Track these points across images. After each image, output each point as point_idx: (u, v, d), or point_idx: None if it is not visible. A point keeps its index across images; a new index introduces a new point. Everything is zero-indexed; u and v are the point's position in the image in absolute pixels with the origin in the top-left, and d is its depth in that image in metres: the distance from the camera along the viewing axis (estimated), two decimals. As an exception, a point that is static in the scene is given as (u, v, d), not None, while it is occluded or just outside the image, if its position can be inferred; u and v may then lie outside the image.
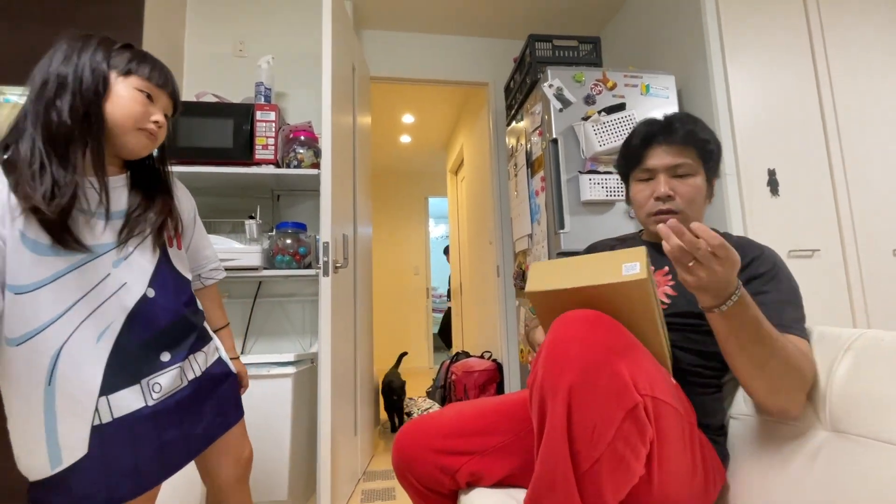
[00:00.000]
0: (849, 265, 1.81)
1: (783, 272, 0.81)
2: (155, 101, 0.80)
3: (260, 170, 1.83)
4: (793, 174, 1.83)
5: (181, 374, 0.82)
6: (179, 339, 0.83)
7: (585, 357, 0.60)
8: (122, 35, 1.75)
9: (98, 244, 0.75)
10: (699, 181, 0.88)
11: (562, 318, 0.66)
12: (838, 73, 1.93)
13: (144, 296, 0.78)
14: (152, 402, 0.77)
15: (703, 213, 0.92)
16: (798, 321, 0.76)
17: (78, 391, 0.71)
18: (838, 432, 0.68)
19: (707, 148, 0.88)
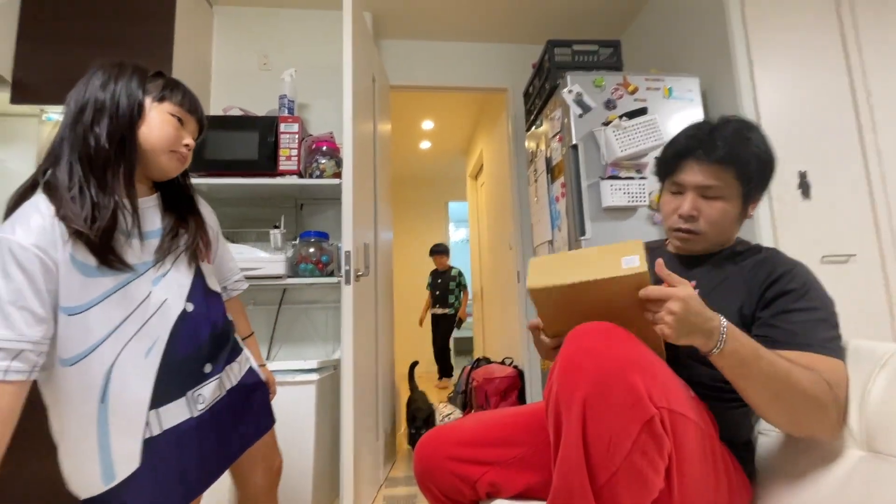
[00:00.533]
0: (888, 270, 1.73)
1: (816, 289, 0.76)
2: (185, 125, 0.84)
3: (284, 180, 1.88)
4: (825, 176, 1.76)
5: (220, 384, 0.86)
6: (218, 351, 0.86)
7: (599, 370, 0.60)
8: (155, 52, 1.87)
9: (139, 263, 0.78)
10: (730, 205, 0.82)
11: (576, 330, 0.66)
12: (874, 71, 1.84)
13: (184, 311, 0.81)
14: (197, 413, 0.80)
15: (734, 231, 0.87)
16: (831, 340, 0.72)
17: (130, 406, 0.73)
18: (874, 452, 0.66)
19: (747, 169, 0.80)
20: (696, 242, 0.86)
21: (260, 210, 2.12)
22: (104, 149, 0.73)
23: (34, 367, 0.67)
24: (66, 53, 1.83)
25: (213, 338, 0.85)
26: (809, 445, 0.74)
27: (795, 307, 0.75)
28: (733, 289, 0.81)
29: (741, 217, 0.85)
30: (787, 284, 0.77)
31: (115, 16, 1.88)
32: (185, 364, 0.80)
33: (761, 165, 0.81)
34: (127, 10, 1.88)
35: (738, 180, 0.81)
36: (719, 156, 0.80)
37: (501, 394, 2.40)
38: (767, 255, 0.84)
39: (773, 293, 0.76)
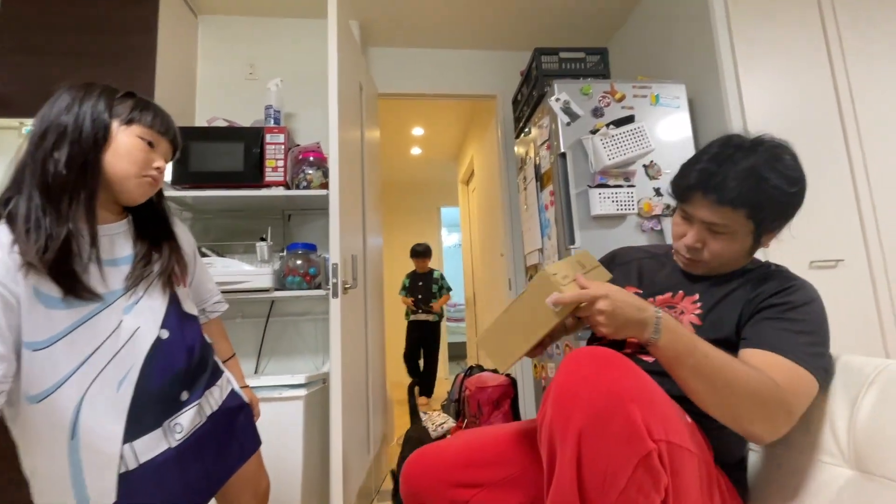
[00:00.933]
0: (875, 275, 1.74)
1: (811, 310, 0.76)
2: (156, 147, 0.81)
3: (270, 192, 1.86)
4: (813, 182, 1.72)
5: (200, 410, 0.83)
6: (196, 377, 0.84)
7: (595, 401, 0.58)
8: (138, 64, 1.84)
9: (108, 292, 0.75)
10: (738, 241, 0.78)
11: (572, 355, 0.65)
12: (858, 78, 1.86)
13: (158, 338, 0.78)
14: (175, 444, 0.77)
15: (745, 261, 0.85)
16: (807, 352, 0.71)
17: (102, 441, 0.70)
18: (863, 472, 0.65)
19: (760, 211, 0.75)
20: (698, 268, 0.86)
21: (247, 222, 2.09)
22: (62, 175, 0.70)
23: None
24: (46, 66, 1.81)
25: (190, 364, 0.82)
26: (800, 463, 0.74)
27: (783, 317, 0.75)
28: (736, 302, 0.80)
29: (753, 249, 0.82)
30: (785, 297, 0.77)
31: (96, 27, 1.85)
32: (160, 393, 0.77)
33: (777, 206, 0.76)
34: (108, 21, 1.86)
35: (749, 219, 0.76)
36: (730, 198, 0.74)
37: (494, 403, 2.38)
38: (776, 270, 0.83)
39: (769, 303, 0.77)
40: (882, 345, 1.69)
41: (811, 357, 0.71)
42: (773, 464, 0.78)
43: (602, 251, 1.70)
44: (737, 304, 0.80)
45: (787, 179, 0.76)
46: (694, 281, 0.87)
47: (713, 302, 0.82)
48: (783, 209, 0.78)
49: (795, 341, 0.72)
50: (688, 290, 0.87)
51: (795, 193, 0.77)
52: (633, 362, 0.63)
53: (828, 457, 0.70)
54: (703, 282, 0.86)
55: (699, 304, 0.84)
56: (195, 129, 1.93)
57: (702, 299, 0.84)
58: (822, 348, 0.74)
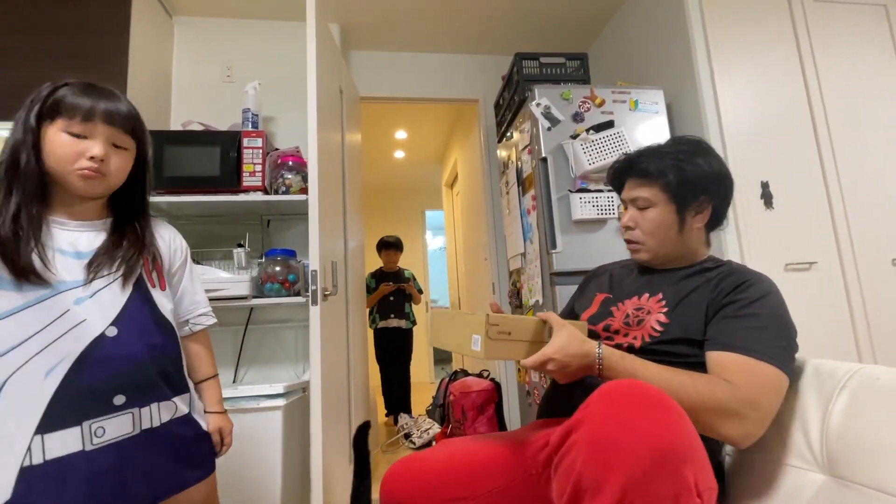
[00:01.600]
0: (847, 276, 1.78)
1: (769, 303, 0.78)
2: (89, 136, 0.77)
3: (248, 197, 1.82)
4: (787, 186, 1.81)
5: (133, 421, 0.76)
6: (140, 384, 0.78)
7: (646, 454, 0.52)
8: (110, 65, 1.79)
9: (61, 281, 0.74)
10: (658, 213, 0.88)
11: (610, 389, 0.59)
12: (828, 82, 1.91)
13: (103, 334, 0.75)
14: (90, 448, 0.71)
15: (684, 244, 0.89)
16: (767, 347, 0.72)
17: (13, 428, 0.67)
18: (835, 477, 0.65)
19: (667, 180, 0.86)
20: (641, 252, 0.93)
21: (224, 228, 2.04)
22: (1, 177, 0.74)
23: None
24: (16, 67, 1.75)
25: (136, 367, 0.77)
26: (775, 468, 0.74)
27: (740, 314, 0.77)
28: (699, 301, 0.82)
29: (682, 227, 0.88)
30: (741, 293, 0.79)
31: (67, 28, 1.80)
32: (88, 391, 0.72)
33: (687, 180, 0.86)
34: (79, 22, 1.80)
35: (664, 192, 0.87)
36: (639, 170, 0.89)
37: (478, 408, 2.37)
38: (735, 269, 0.85)
39: (727, 300, 0.79)
40: (854, 345, 1.73)
41: (775, 351, 0.72)
42: (747, 469, 0.79)
43: (583, 255, 1.72)
44: (700, 303, 0.82)
45: (693, 154, 0.87)
46: (657, 282, 0.90)
47: (676, 300, 0.84)
48: (692, 182, 0.86)
49: (757, 338, 0.73)
50: (652, 290, 0.89)
51: (707, 172, 0.86)
52: (673, 401, 0.59)
53: (801, 462, 0.71)
54: (665, 282, 0.89)
55: (663, 302, 0.86)
56: (170, 133, 1.88)
57: (665, 297, 0.86)
58: (785, 340, 0.75)
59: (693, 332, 0.80)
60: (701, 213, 0.88)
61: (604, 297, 0.97)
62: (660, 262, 0.92)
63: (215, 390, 0.98)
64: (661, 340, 0.82)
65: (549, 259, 1.75)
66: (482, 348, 0.75)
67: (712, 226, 0.91)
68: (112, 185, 0.81)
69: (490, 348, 0.75)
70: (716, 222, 0.91)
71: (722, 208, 0.90)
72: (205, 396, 0.96)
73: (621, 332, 0.88)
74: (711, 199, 0.88)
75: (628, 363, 0.75)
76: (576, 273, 1.70)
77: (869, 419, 0.64)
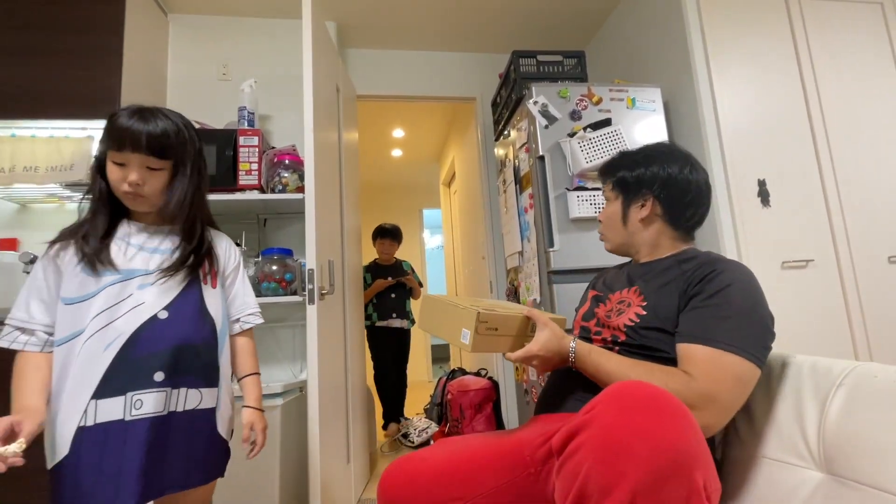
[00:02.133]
0: (844, 274, 1.79)
1: (737, 291, 0.78)
2: (127, 164, 0.87)
3: (244, 196, 1.81)
4: (783, 184, 1.81)
5: (165, 399, 0.84)
6: (178, 365, 0.86)
7: (656, 460, 0.52)
8: (103, 64, 1.77)
9: (128, 269, 0.88)
10: (611, 208, 1.02)
11: (619, 391, 0.59)
12: (825, 81, 1.92)
13: (155, 316, 0.86)
14: (129, 418, 0.80)
15: (619, 229, 1.00)
16: (735, 337, 0.73)
17: (78, 391, 0.80)
18: (833, 475, 0.65)
19: (616, 176, 1.00)
20: (606, 243, 1.05)
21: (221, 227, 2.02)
22: (92, 199, 0.91)
23: (45, 342, 0.84)
24: (7, 65, 1.74)
25: (177, 349, 0.86)
26: (771, 465, 0.74)
27: (705, 304, 0.78)
28: (672, 292, 0.84)
29: (625, 218, 0.98)
30: (707, 283, 0.80)
31: (60, 26, 1.78)
32: (135, 364, 0.83)
33: (627, 175, 0.98)
34: (70, 18, 1.79)
35: (614, 187, 1.01)
36: (604, 170, 1.04)
37: (476, 407, 2.37)
38: (707, 259, 0.86)
39: (695, 291, 0.81)
40: (851, 343, 1.74)
41: (738, 339, 0.73)
42: (744, 467, 0.79)
43: (581, 254, 1.72)
44: (673, 294, 0.84)
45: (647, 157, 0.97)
46: (635, 275, 0.96)
47: (650, 291, 0.88)
48: (634, 179, 0.97)
49: (719, 327, 0.75)
50: (631, 283, 0.95)
51: (649, 174, 0.95)
52: (682, 404, 0.59)
53: (798, 460, 0.71)
54: (642, 274, 0.95)
55: (644, 299, 0.88)
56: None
57: (642, 291, 0.89)
58: (751, 328, 0.75)
59: (666, 322, 0.82)
60: (643, 206, 0.96)
61: (594, 294, 1.03)
62: (621, 253, 1.03)
63: (255, 387, 1.03)
64: (638, 329, 0.84)
65: (547, 257, 1.75)
66: (470, 342, 0.82)
67: (674, 222, 0.95)
68: (154, 202, 0.91)
69: (478, 343, 0.82)
70: (675, 219, 0.95)
71: (673, 206, 0.94)
72: (246, 391, 1.02)
73: (606, 325, 0.91)
74: (655, 196, 0.95)
75: (595, 356, 0.83)
76: (573, 272, 1.70)
77: (866, 417, 0.64)
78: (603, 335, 0.91)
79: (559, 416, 0.89)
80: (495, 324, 0.84)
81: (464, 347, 0.84)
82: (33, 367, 0.82)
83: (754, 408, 0.81)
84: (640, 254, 0.99)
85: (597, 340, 0.92)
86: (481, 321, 0.82)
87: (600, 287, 1.04)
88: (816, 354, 0.78)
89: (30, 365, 0.82)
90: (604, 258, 1.73)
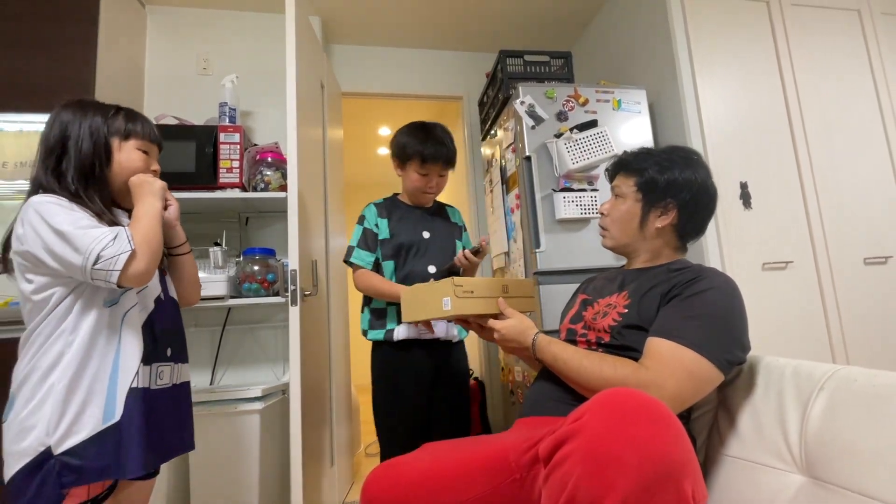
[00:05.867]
0: (821, 275, 1.83)
1: (714, 295, 0.79)
2: (150, 153, 0.94)
3: (225, 194, 1.77)
4: (764, 186, 1.84)
5: (172, 373, 0.93)
6: (175, 342, 0.95)
7: (646, 470, 0.52)
8: (76, 55, 1.70)
9: None
10: (627, 205, 0.96)
11: (608, 399, 0.58)
12: (805, 84, 1.95)
13: (160, 296, 0.94)
14: (154, 387, 0.88)
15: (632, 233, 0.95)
16: (697, 335, 0.75)
17: (130, 354, 0.84)
18: (814, 479, 0.66)
19: (642, 177, 0.94)
20: (606, 238, 1.01)
21: (200, 226, 1.98)
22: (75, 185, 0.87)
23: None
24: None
25: (176, 329, 0.96)
26: (754, 469, 0.74)
27: (679, 304, 0.80)
28: (656, 294, 0.86)
29: (643, 222, 0.94)
30: (688, 287, 0.82)
31: (31, 15, 1.71)
32: (155, 339, 0.89)
33: (657, 179, 0.93)
34: (41, 7, 1.72)
35: (636, 187, 0.95)
36: (627, 164, 0.98)
37: (462, 407, 2.36)
38: (698, 268, 0.88)
39: (675, 292, 0.83)
40: (828, 343, 1.77)
41: (700, 338, 0.74)
42: (726, 470, 0.79)
43: (567, 255, 1.72)
44: (655, 297, 0.85)
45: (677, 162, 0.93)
46: (627, 281, 0.95)
47: (639, 296, 0.88)
48: (663, 185, 0.92)
49: (685, 325, 0.76)
50: (621, 289, 0.95)
51: (679, 180, 0.91)
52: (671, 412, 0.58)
53: (780, 463, 0.71)
54: (633, 280, 0.94)
55: (629, 299, 0.90)
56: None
57: (630, 296, 0.90)
58: (717, 331, 0.76)
59: (646, 322, 0.83)
60: (665, 214, 0.93)
61: (584, 298, 1.02)
62: (621, 252, 1.00)
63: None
64: (621, 329, 0.85)
65: (533, 258, 1.75)
66: (452, 306, 0.91)
67: (682, 232, 0.95)
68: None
69: (458, 305, 0.91)
70: (687, 230, 0.94)
71: (694, 218, 0.93)
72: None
73: (591, 327, 0.92)
74: (678, 205, 0.92)
75: (554, 347, 0.87)
76: (559, 272, 1.70)
77: (846, 421, 0.64)
78: (588, 337, 0.92)
79: (544, 420, 0.88)
80: (470, 286, 0.94)
81: (447, 314, 0.92)
82: None
83: (736, 411, 0.82)
84: (638, 259, 0.98)
85: (581, 342, 0.93)
86: (457, 285, 0.92)
87: (590, 291, 1.04)
88: (795, 355, 0.79)
89: None
90: (589, 259, 1.74)
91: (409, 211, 1.43)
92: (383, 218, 1.39)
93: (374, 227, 1.36)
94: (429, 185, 1.37)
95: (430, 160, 1.33)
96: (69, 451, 0.75)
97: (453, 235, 1.46)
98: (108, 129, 0.89)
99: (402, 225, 1.38)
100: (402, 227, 1.37)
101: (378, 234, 1.36)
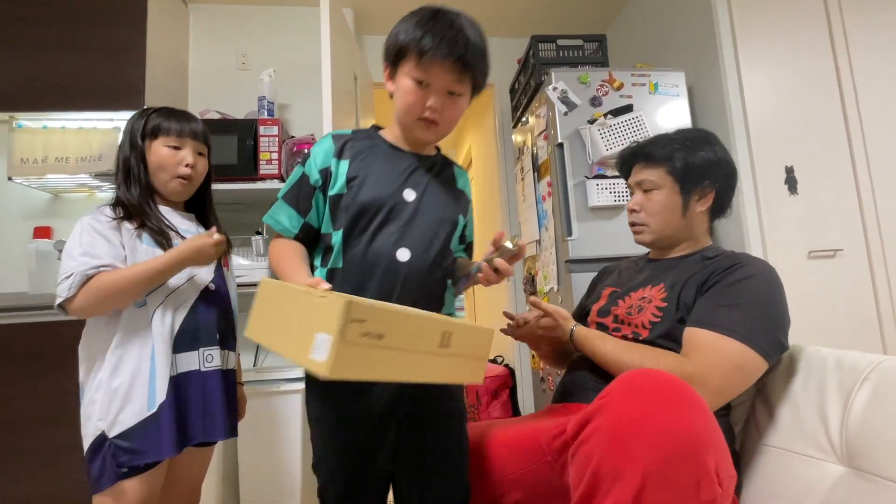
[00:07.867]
0: (874, 265, 1.73)
1: (755, 283, 0.78)
2: (182, 148, 0.96)
3: (265, 185, 1.84)
4: (812, 171, 1.75)
5: (221, 357, 0.97)
6: (224, 329, 0.99)
7: (668, 443, 0.53)
8: (127, 55, 1.80)
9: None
10: (664, 195, 0.92)
11: (630, 378, 0.59)
12: (861, 67, 1.82)
13: (208, 287, 0.98)
14: (204, 369, 0.93)
15: (680, 224, 0.92)
16: (739, 325, 0.73)
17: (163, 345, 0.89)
18: (855, 469, 0.65)
19: (674, 164, 0.90)
20: (644, 233, 0.96)
21: (242, 216, 2.05)
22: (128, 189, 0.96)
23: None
24: (33, 59, 1.77)
25: (226, 316, 0.99)
26: (791, 458, 0.74)
27: (719, 293, 0.79)
28: (693, 284, 0.84)
29: (685, 209, 0.91)
30: (728, 274, 0.80)
31: (82, 18, 1.81)
32: (201, 326, 0.94)
33: (690, 161, 0.90)
34: (95, 12, 1.82)
35: (670, 175, 0.91)
36: (647, 154, 0.93)
37: (492, 393, 2.40)
38: (734, 255, 0.86)
39: (713, 280, 0.81)
40: (880, 336, 1.69)
41: (742, 327, 0.73)
42: (763, 459, 0.78)
43: (599, 243, 1.71)
44: (693, 286, 0.84)
45: (699, 142, 0.91)
46: (660, 271, 0.93)
47: (676, 287, 0.86)
48: (697, 167, 0.89)
49: (725, 315, 0.75)
50: (655, 281, 0.92)
51: (712, 159, 0.89)
52: (694, 391, 0.59)
53: (819, 453, 0.70)
54: (667, 270, 0.91)
55: (665, 292, 0.88)
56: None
57: (667, 288, 0.88)
58: (760, 320, 0.75)
59: (686, 313, 0.82)
60: (704, 197, 0.91)
61: (611, 291, 0.99)
62: (662, 245, 0.96)
63: (238, 366, 1.13)
64: (662, 323, 0.83)
65: (565, 246, 1.74)
66: (329, 358, 0.45)
67: (715, 213, 0.94)
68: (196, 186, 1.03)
69: (341, 358, 0.46)
70: (719, 210, 0.94)
71: (725, 196, 0.93)
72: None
73: (626, 321, 0.90)
74: (715, 185, 0.90)
75: (592, 339, 0.86)
76: (591, 261, 1.69)
77: (890, 412, 0.63)
78: (623, 332, 0.89)
79: (576, 407, 0.90)
80: (379, 326, 0.50)
81: (315, 368, 0.47)
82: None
83: (775, 401, 0.81)
84: (677, 248, 0.95)
85: (616, 337, 0.91)
86: (353, 318, 0.47)
87: (615, 283, 1.01)
88: (843, 347, 0.77)
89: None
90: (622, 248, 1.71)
91: (390, 153, 0.85)
92: (343, 159, 0.82)
93: (320, 173, 0.81)
94: (427, 103, 0.79)
95: (432, 55, 0.78)
96: (119, 435, 0.85)
97: (455, 209, 0.88)
98: (141, 132, 0.95)
99: (372, 172, 0.81)
100: (372, 175, 0.81)
101: (321, 186, 0.81)
